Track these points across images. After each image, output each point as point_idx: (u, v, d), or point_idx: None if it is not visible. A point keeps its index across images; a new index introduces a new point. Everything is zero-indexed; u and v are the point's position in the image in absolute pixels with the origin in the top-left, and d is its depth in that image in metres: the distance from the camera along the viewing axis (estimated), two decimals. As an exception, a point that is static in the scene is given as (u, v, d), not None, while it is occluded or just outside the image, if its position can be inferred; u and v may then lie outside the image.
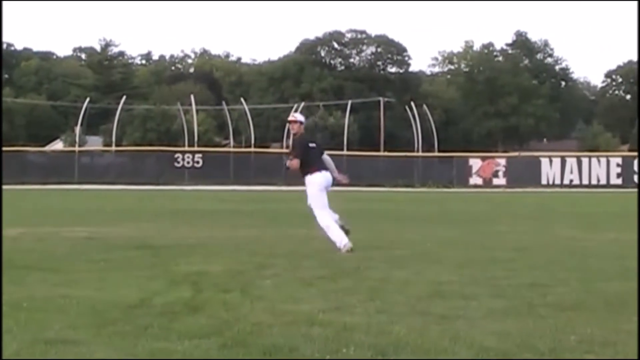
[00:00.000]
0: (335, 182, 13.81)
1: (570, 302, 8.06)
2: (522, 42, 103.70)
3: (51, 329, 6.69)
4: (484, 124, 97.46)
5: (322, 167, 13.50)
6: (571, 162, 59.45)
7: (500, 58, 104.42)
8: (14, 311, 7.41)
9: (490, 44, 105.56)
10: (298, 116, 14.17)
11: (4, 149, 61.90)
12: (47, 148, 77.33)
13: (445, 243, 14.45)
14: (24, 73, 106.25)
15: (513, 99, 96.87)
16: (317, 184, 13.27)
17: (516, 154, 69.10)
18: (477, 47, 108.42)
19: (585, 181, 57.99)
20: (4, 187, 49.12)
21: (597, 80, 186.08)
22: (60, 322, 6.92)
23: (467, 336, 6.53)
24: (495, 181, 59.32)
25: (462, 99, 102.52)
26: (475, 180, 60.02)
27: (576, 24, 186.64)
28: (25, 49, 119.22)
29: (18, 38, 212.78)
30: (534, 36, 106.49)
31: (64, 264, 11.02)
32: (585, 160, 59.59)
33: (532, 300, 8.17)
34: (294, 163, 13.32)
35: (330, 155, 14.04)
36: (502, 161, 61.28)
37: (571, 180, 58.38)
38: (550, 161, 59.71)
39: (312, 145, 13.57)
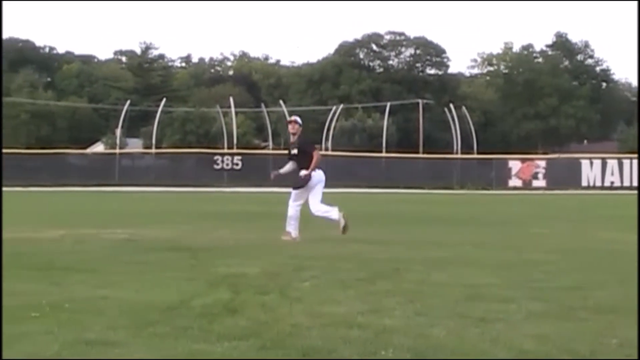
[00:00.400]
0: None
1: (611, 305, 7.99)
2: (562, 43, 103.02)
3: (91, 330, 6.74)
4: (523, 125, 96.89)
5: (319, 166, 15.25)
6: (612, 163, 59.06)
7: (540, 59, 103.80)
8: (56, 312, 7.48)
9: (530, 45, 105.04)
10: (298, 119, 15.58)
11: (46, 151, 62.64)
12: (88, 150, 77.96)
13: (483, 245, 14.39)
14: (66, 76, 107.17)
15: (553, 101, 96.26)
16: (317, 177, 15.19)
17: (556, 155, 68.69)
18: (516, 48, 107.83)
19: (626, 183, 57.60)
20: (45, 189, 49.73)
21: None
22: (100, 323, 6.98)
23: (506, 339, 6.50)
24: (535, 183, 59.07)
25: (501, 101, 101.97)
26: (514, 182, 59.80)
27: (617, 24, 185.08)
28: (67, 53, 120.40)
29: (60, 42, 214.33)
30: (575, 37, 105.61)
31: (104, 265, 11.10)
32: (626, 162, 59.18)
33: (571, 303, 8.11)
34: (316, 159, 15.03)
35: (368, 157, 14.65)
36: (542, 163, 61.03)
37: (612, 182, 58.01)
38: (591, 163, 59.37)
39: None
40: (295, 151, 15.34)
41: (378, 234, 17.05)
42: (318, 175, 15.29)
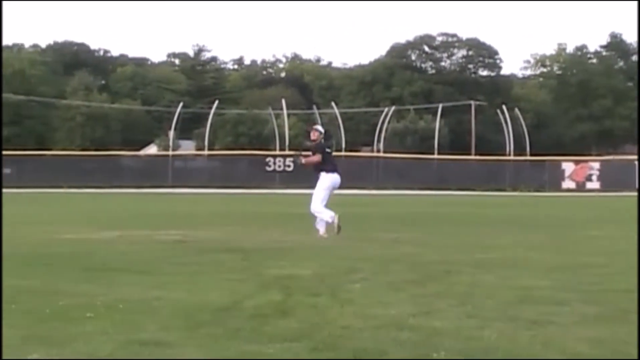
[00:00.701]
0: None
1: (665, 309, 7.90)
2: (616, 44, 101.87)
3: (145, 330, 6.82)
4: (576, 127, 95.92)
5: (336, 169, 17.09)
6: (668, 165, 58.15)
7: (594, 60, 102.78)
8: (110, 312, 7.57)
9: (584, 46, 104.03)
10: (319, 127, 17.82)
11: (100, 153, 63.27)
12: (142, 152, 78.60)
13: (536, 247, 14.30)
14: (120, 79, 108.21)
15: (607, 102, 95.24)
16: (329, 180, 16.83)
17: (610, 157, 67.90)
18: (570, 49, 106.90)
19: (683, 185, 56.63)
20: (100, 190, 50.24)
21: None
22: (153, 324, 7.06)
23: (558, 342, 6.47)
24: (589, 185, 58.42)
25: (555, 102, 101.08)
26: (568, 184, 59.21)
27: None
28: (122, 55, 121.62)
29: (114, 45, 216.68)
30: (629, 38, 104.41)
31: (157, 266, 11.21)
32: (683, 164, 58.22)
33: (625, 306, 8.03)
34: (315, 158, 16.90)
35: (420, 159, 14.74)
36: (596, 165, 60.34)
37: (668, 184, 57.09)
38: (646, 165, 58.52)
39: (328, 150, 17.43)
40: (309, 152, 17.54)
41: (429, 235, 17.02)
42: (323, 174, 16.96)
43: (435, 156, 63.70)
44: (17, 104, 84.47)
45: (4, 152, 61.74)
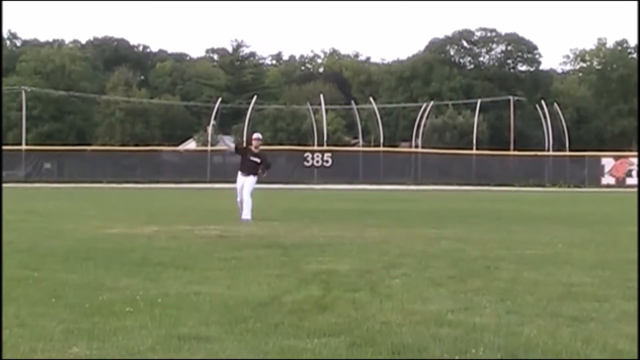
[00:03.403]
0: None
1: None
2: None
3: (184, 325, 6.86)
4: (617, 122, 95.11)
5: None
6: None
7: (635, 55, 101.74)
8: (149, 307, 7.62)
9: (624, 41, 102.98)
10: (259, 135, 21.96)
11: (141, 148, 63.70)
12: (181, 147, 78.93)
13: (576, 244, 14.21)
14: (159, 74, 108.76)
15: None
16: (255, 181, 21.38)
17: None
18: (610, 44, 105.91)
19: None
20: (140, 185, 50.56)
21: None
22: (193, 319, 7.09)
23: (599, 339, 6.43)
24: (629, 181, 57.93)
25: (595, 97, 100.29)
26: (607, 180, 58.81)
27: None
28: (161, 51, 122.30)
29: (153, 40, 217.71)
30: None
31: (197, 261, 11.26)
32: None
33: (667, 304, 7.96)
34: (269, 168, 21.63)
35: (459, 154, 14.55)
36: (636, 160, 59.79)
37: None
38: (688, 160, 57.95)
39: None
40: (257, 159, 21.30)
41: (469, 231, 16.96)
42: (254, 177, 21.54)
43: (474, 152, 63.48)
44: (58, 99, 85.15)
45: (45, 147, 62.51)
